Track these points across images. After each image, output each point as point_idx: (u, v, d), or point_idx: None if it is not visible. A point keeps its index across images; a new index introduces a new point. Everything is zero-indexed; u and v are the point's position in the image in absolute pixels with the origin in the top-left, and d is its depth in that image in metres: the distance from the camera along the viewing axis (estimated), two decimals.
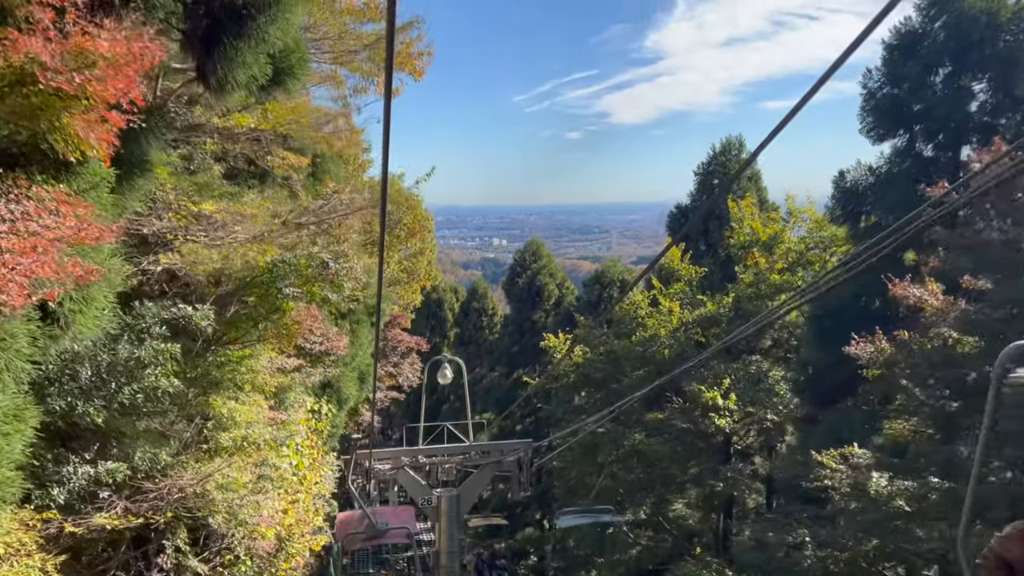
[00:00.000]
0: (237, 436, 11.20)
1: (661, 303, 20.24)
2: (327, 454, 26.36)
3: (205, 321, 9.96)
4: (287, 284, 11.09)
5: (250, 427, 11.51)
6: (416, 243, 39.58)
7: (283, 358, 14.75)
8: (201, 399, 11.05)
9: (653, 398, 20.18)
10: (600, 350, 22.88)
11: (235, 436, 11.19)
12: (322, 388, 20.16)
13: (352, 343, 21.50)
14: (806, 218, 20.37)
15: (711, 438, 17.43)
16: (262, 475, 13.98)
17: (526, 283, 44.79)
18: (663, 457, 18.46)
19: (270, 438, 14.52)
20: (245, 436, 11.32)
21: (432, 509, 17.53)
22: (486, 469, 18.15)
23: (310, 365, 15.61)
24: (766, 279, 19.15)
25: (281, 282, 11.10)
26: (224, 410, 10.91)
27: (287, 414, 15.39)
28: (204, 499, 10.74)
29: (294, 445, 16.29)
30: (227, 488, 10.71)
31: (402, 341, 31.89)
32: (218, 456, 11.00)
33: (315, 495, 20.38)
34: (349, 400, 21.33)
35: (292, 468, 15.61)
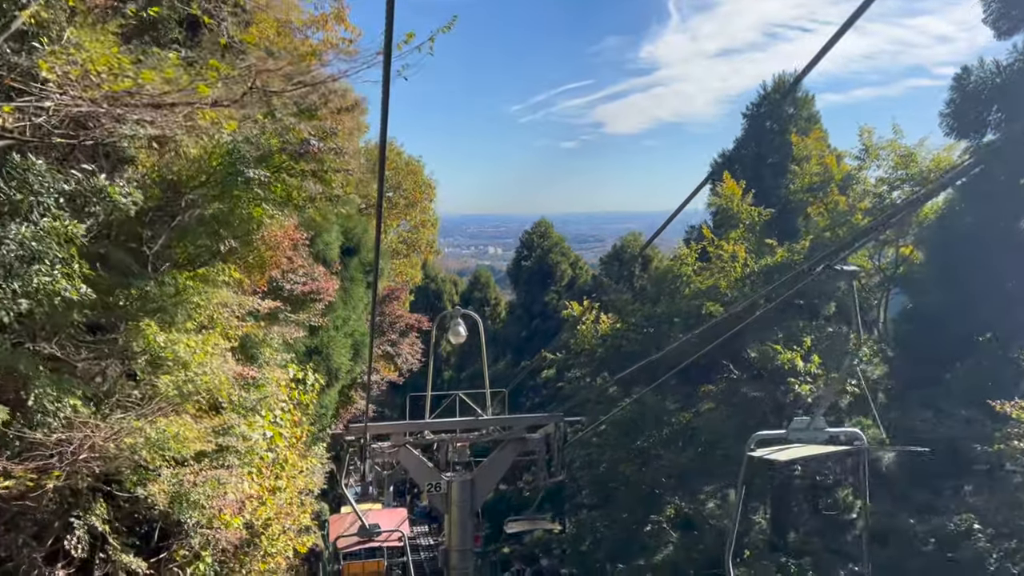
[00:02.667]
0: (182, 382, 8.16)
1: (723, 247, 17.14)
2: (314, 441, 23.36)
3: (126, 198, 6.91)
4: (251, 170, 8.07)
5: (204, 373, 8.48)
6: (416, 215, 36.61)
7: (255, 299, 11.72)
8: (131, 326, 8.01)
9: (706, 368, 17.15)
10: (633, 318, 19.83)
11: (180, 381, 8.16)
12: (308, 355, 17.15)
13: (344, 302, 18.51)
14: (886, 156, 17.34)
15: (788, 409, 14.49)
16: (225, 446, 10.95)
17: (535, 263, 41.68)
18: (726, 435, 15.39)
19: (236, 398, 11.53)
20: (195, 383, 8.28)
21: (441, 497, 14.50)
22: (508, 448, 15.12)
23: (289, 310, 12.57)
24: (846, 221, 16.12)
25: (243, 166, 8.07)
26: (160, 340, 7.87)
27: (260, 372, 12.36)
28: (132, 463, 7.70)
29: (271, 416, 13.26)
30: (162, 447, 7.66)
31: (401, 317, 28.86)
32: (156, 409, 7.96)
33: (301, 490, 17.39)
34: (340, 372, 18.31)
35: (267, 442, 12.57)
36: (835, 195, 16.93)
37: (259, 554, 13.68)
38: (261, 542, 13.68)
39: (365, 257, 19.25)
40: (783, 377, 14.78)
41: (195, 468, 10.13)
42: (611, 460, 18.37)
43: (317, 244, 16.26)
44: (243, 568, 13.43)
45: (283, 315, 12.53)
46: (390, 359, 29.37)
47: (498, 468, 15.23)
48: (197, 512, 10.18)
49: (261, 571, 13.79)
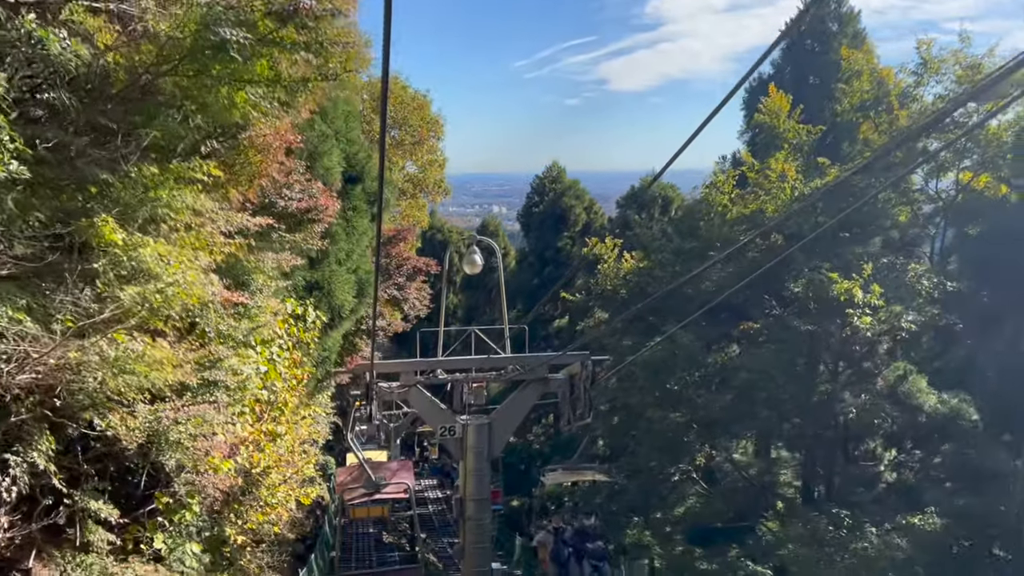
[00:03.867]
0: (150, 293, 6.77)
1: (770, 166, 15.54)
2: (318, 388, 22.14)
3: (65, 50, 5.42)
4: (228, 30, 6.54)
5: (177, 285, 7.08)
6: (423, 154, 34.88)
7: (244, 216, 10.27)
8: (84, 223, 6.58)
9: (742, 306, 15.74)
10: (661, 255, 18.33)
11: (147, 293, 6.76)
12: (308, 291, 15.73)
13: (347, 235, 17.02)
14: (948, 69, 15.60)
15: (845, 346, 13.11)
16: (211, 380, 9.61)
17: (548, 207, 39.95)
18: (770, 375, 14.00)
19: (224, 327, 10.16)
20: (166, 295, 6.88)
21: (455, 442, 13.26)
22: (528, 389, 13.83)
23: (284, 229, 11.12)
24: (905, 139, 14.47)
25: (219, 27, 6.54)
26: (118, 240, 6.45)
27: (253, 300, 10.97)
28: (87, 389, 6.34)
29: (267, 353, 11.94)
30: (125, 369, 6.30)
31: (408, 259, 27.32)
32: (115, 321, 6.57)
33: (304, 439, 16.20)
34: (344, 310, 16.89)
35: (261, 379, 11.26)
36: (897, 109, 15.26)
37: (257, 504, 12.50)
38: (259, 492, 12.49)
39: (369, 186, 17.71)
40: (837, 310, 13.33)
41: (176, 404, 8.83)
42: (637, 405, 17.06)
43: (317, 168, 14.72)
44: (239, 519, 12.26)
45: (277, 235, 11.08)
46: (396, 304, 28.00)
47: (517, 411, 13.94)
48: (179, 453, 8.91)
49: (259, 522, 12.60)
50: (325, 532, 31.16)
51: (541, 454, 43.35)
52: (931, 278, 14.89)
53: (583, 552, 14.16)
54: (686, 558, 18.26)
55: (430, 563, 30.78)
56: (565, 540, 14.60)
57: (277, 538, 22.60)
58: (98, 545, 7.94)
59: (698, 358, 15.85)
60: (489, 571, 13.46)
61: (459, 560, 13.86)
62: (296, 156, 12.55)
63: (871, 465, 20.42)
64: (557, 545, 14.66)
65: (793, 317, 14.66)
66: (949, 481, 18.04)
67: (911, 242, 16.62)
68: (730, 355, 15.92)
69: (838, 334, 13.94)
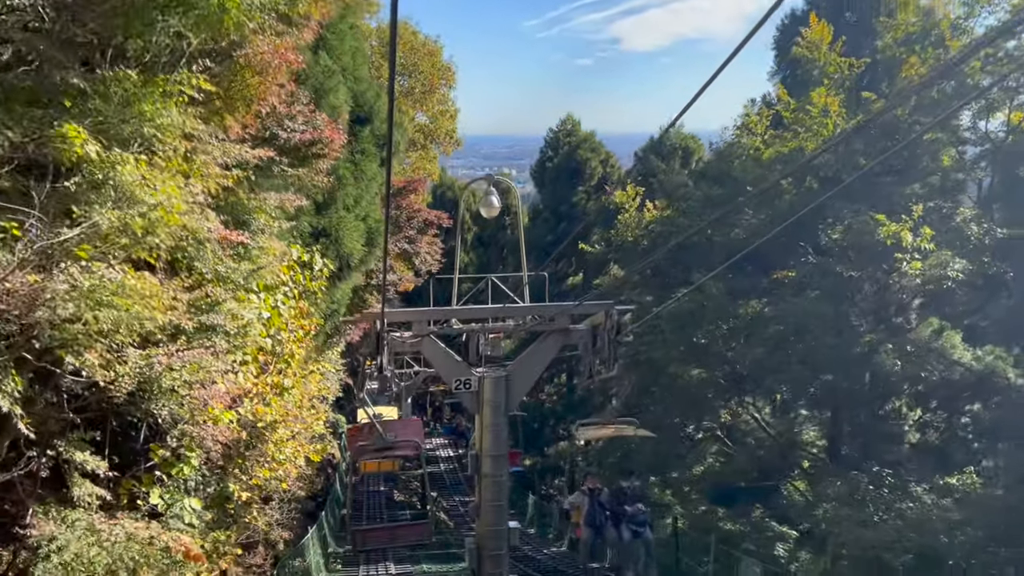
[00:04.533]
0: (130, 216, 5.97)
1: (812, 100, 14.46)
2: (327, 343, 21.52)
3: None
4: None
5: (162, 208, 6.27)
6: (434, 104, 33.77)
7: (242, 147, 9.43)
8: (53, 134, 5.75)
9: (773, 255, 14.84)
10: (687, 202, 17.38)
11: (126, 216, 5.96)
12: (315, 237, 14.96)
13: (356, 179, 16.19)
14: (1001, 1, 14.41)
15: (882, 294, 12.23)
16: (208, 324, 8.86)
17: (562, 161, 38.77)
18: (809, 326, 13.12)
19: (222, 268, 9.40)
20: (149, 220, 6.08)
21: (470, 396, 12.54)
22: (549, 341, 13.03)
23: (287, 163, 10.27)
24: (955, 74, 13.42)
25: None
26: (90, 154, 5.62)
27: (253, 240, 10.18)
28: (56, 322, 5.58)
29: (271, 300, 11.17)
30: (100, 301, 5.53)
31: (419, 211, 26.52)
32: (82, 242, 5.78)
33: (313, 395, 15.57)
34: (353, 259, 16.14)
35: (264, 324, 10.51)
36: (949, 39, 14.12)
37: (263, 459, 11.88)
38: (266, 447, 11.87)
39: (379, 128, 16.81)
40: (882, 256, 12.42)
41: (169, 349, 8.09)
42: (661, 359, 16.29)
43: (323, 106, 13.82)
44: (243, 474, 11.65)
45: (279, 169, 10.24)
46: (407, 258, 27.27)
47: (536, 363, 13.17)
48: (173, 402, 8.21)
49: (266, 478, 11.99)
50: (336, 490, 30.94)
51: (554, 412, 42.90)
52: (981, 223, 13.94)
53: (621, 516, 12.94)
54: (709, 517, 17.69)
55: (441, 521, 30.55)
56: (601, 503, 13.18)
57: (287, 495, 22.24)
58: (85, 499, 7.27)
59: (728, 310, 15.03)
60: (506, 529, 12.84)
61: (475, 518, 13.21)
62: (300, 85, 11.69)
63: (898, 424, 19.69)
64: (592, 508, 13.23)
65: (834, 263, 13.73)
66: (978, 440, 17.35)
67: (953, 188, 15.61)
68: (762, 306, 15.05)
69: (883, 280, 13.06)
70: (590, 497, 13.44)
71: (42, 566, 6.21)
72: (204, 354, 8.59)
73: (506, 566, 12.60)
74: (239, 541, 17.84)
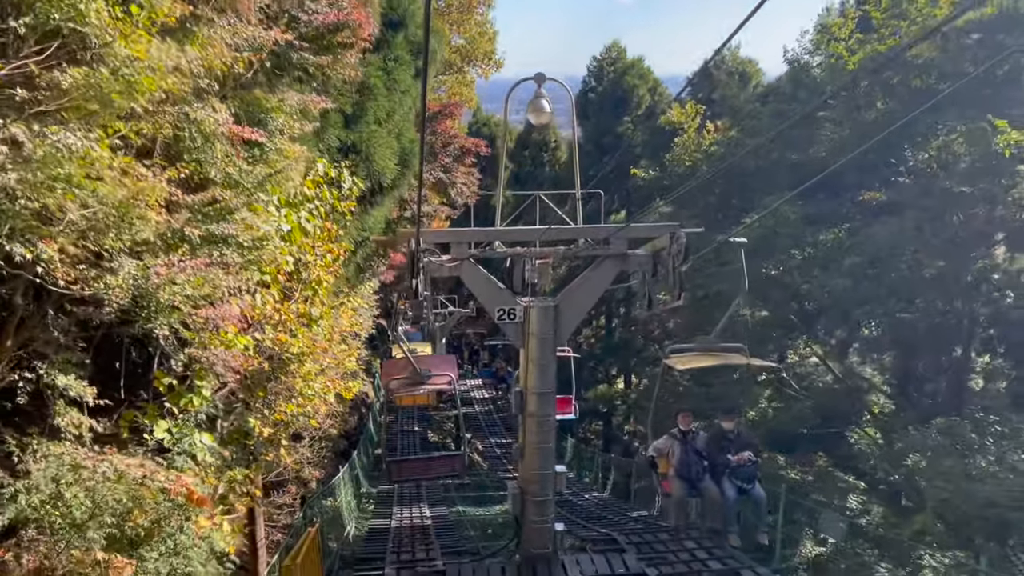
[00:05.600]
0: (105, 78, 4.67)
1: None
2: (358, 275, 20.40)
3: None
4: None
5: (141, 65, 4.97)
6: (471, 26, 31.81)
7: (256, 28, 8.06)
8: None
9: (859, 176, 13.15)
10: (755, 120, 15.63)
11: (102, 81, 4.68)
12: (343, 153, 13.66)
13: (388, 90, 14.75)
14: None
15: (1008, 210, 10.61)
16: (218, 234, 7.65)
17: (607, 89, 36.61)
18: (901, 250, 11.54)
19: (233, 171, 8.15)
20: (128, 80, 4.78)
21: (515, 327, 11.25)
22: (603, 267, 11.60)
23: (308, 49, 8.87)
24: None
25: None
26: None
27: (270, 141, 8.90)
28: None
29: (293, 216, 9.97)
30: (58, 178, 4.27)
31: (455, 138, 25.00)
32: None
33: (344, 331, 14.48)
34: (385, 179, 14.83)
35: (284, 239, 9.31)
36: None
37: (287, 393, 10.83)
38: (293, 381, 10.80)
39: (413, 34, 15.28)
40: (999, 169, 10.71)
41: (169, 259, 6.91)
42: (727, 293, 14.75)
43: None
44: (266, 408, 10.62)
45: (298, 55, 8.86)
46: (442, 188, 25.89)
47: (589, 292, 11.78)
48: (175, 320, 7.05)
49: (291, 413, 10.95)
50: (369, 429, 30.43)
51: (592, 355, 41.81)
52: None
53: (723, 467, 10.18)
54: (770, 465, 16.42)
55: (475, 463, 29.93)
56: (697, 449, 10.39)
57: (318, 433, 21.49)
58: (69, 431, 6.20)
59: (804, 237, 13.47)
60: (552, 473, 11.65)
61: (517, 460, 12.02)
62: None
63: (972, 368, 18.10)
64: (685, 455, 10.42)
65: (939, 179, 12.01)
66: None
67: None
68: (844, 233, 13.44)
69: (1001, 198, 11.38)
70: (682, 441, 10.59)
71: (11, 508, 5.14)
72: (212, 267, 7.41)
73: (552, 513, 11.52)
74: (265, 480, 17.17)
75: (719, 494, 10.15)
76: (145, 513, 6.11)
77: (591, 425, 41.20)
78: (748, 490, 9.99)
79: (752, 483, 9.95)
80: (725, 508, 10.12)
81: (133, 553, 6.09)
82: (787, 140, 14.64)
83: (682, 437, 10.61)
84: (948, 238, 11.59)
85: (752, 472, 9.97)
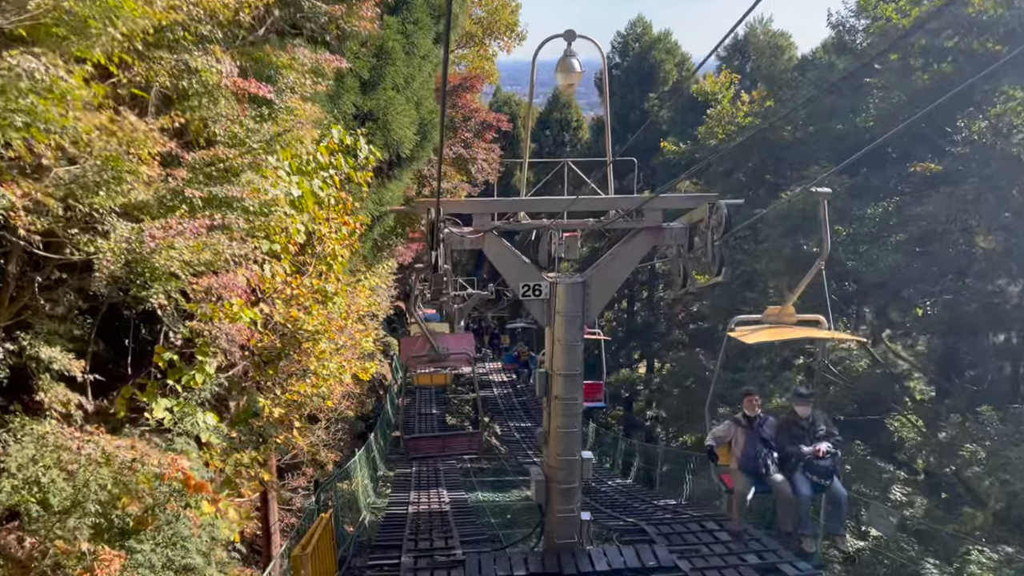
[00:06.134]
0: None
1: None
2: (376, 253, 19.84)
3: None
4: None
5: None
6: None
7: None
8: None
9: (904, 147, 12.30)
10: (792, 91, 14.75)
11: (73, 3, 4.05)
12: (360, 120, 13.01)
13: (407, 55, 14.05)
14: None
15: None
16: (222, 197, 7.06)
17: (632, 64, 35.61)
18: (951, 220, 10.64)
19: (239, 130, 7.56)
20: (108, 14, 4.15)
21: (540, 304, 10.60)
22: (636, 240, 10.92)
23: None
24: None
25: None
26: None
27: (279, 98, 8.28)
28: None
29: (305, 184, 9.37)
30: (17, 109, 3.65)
31: (476, 111, 24.27)
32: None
33: (362, 311, 13.93)
34: (403, 150, 14.17)
35: (293, 206, 8.70)
36: None
37: (302, 373, 10.30)
38: (308, 361, 10.25)
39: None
40: None
41: (166, 222, 6.31)
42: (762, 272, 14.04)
43: None
44: (277, 386, 10.08)
45: (309, 3, 8.20)
46: (462, 164, 25.19)
47: (621, 267, 11.08)
48: (172, 288, 6.47)
49: (304, 393, 10.40)
50: (387, 410, 29.99)
51: (615, 338, 41.06)
52: None
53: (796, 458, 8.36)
54: None
55: (494, 447, 29.41)
56: (764, 438, 8.63)
57: (334, 415, 21.02)
58: (55, 408, 5.64)
59: (851, 210, 12.64)
60: (579, 460, 11.02)
61: (542, 446, 11.40)
62: None
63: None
64: (752, 446, 8.63)
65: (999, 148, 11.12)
66: None
67: None
68: (893, 206, 12.59)
69: None
70: (748, 428, 8.84)
71: None
72: (214, 232, 6.80)
73: (579, 502, 10.91)
74: (280, 463, 16.72)
75: (791, 491, 8.39)
76: (138, 500, 5.56)
77: (614, 409, 40.53)
78: (823, 486, 8.29)
79: (831, 478, 8.26)
80: (798, 507, 8.45)
81: (125, 544, 5.54)
82: (830, 110, 13.77)
83: (747, 423, 8.83)
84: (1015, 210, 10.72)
85: (831, 466, 8.28)
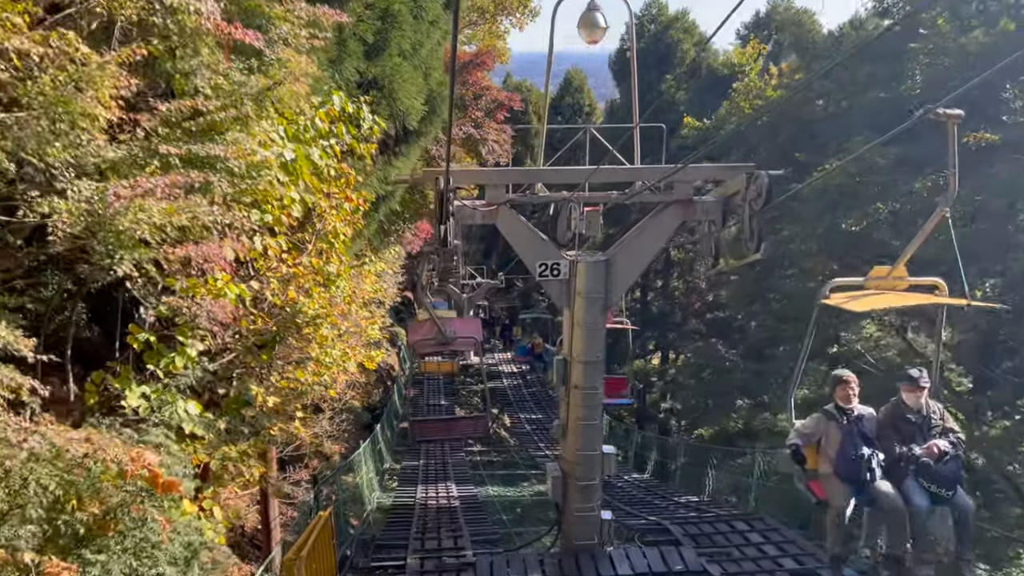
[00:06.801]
0: None
1: None
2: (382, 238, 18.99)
3: None
4: None
5: None
6: None
7: None
8: None
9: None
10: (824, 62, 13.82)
11: None
12: (362, 89, 12.15)
13: (415, 19, 13.19)
14: None
15: None
16: (203, 156, 6.26)
17: (648, 45, 34.56)
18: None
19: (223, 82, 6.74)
20: None
21: (558, 285, 9.77)
22: (665, 215, 10.06)
23: None
24: None
25: None
26: None
27: (270, 49, 7.45)
28: None
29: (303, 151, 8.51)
30: None
31: (488, 90, 23.38)
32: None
33: (367, 297, 13.16)
34: (410, 122, 13.32)
35: (289, 175, 7.87)
36: None
37: (301, 359, 9.49)
38: (308, 347, 9.44)
39: None
40: None
41: (133, 181, 5.49)
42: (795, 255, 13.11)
43: None
44: (273, 372, 9.27)
45: None
46: (472, 146, 24.31)
47: (648, 245, 10.21)
48: (142, 256, 5.66)
49: (303, 381, 9.59)
50: (394, 401, 29.30)
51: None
52: None
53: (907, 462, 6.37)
54: None
55: (503, 439, 28.71)
56: (865, 432, 6.61)
57: (339, 405, 20.25)
58: (3, 394, 4.84)
59: (896, 185, 11.70)
60: (600, 455, 10.22)
61: (558, 439, 10.55)
62: None
63: None
64: (850, 446, 6.53)
65: None
66: None
67: None
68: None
69: None
70: (842, 424, 6.75)
71: None
72: (193, 195, 5.99)
73: (599, 500, 10.10)
74: (281, 455, 15.97)
75: (902, 503, 6.36)
76: (99, 501, 4.77)
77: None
78: (945, 498, 6.27)
79: (954, 488, 6.26)
80: (913, 524, 6.37)
81: (80, 553, 4.74)
82: (867, 80, 12.84)
83: (843, 417, 6.79)
84: None
85: (955, 472, 6.31)
